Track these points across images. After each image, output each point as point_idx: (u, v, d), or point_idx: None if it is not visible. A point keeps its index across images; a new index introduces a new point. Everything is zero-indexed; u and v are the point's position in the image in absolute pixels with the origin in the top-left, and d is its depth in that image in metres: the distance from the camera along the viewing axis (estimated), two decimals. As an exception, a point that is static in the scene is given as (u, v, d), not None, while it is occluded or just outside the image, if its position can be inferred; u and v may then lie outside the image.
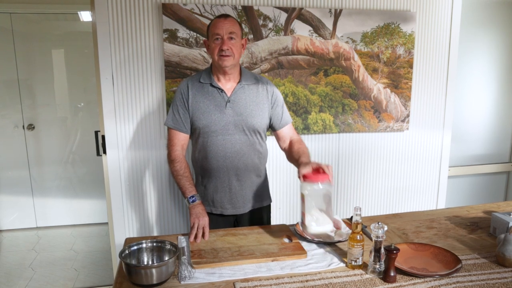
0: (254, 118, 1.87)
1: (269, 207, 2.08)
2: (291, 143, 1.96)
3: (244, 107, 1.86)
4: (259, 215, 2.01)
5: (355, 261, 1.44)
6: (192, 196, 1.79)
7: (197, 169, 1.98)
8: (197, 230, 1.67)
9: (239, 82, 1.88)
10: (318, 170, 1.58)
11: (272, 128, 1.99)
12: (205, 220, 1.70)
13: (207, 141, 1.87)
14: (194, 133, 1.91)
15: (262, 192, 2.02)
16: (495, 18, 3.13)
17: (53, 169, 4.02)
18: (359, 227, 1.42)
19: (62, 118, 4.01)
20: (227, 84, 1.88)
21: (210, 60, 2.41)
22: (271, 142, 2.11)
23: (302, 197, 1.59)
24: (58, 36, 3.88)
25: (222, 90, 1.85)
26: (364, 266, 1.45)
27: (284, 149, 2.01)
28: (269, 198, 2.07)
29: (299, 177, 1.61)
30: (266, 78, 2.04)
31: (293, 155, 1.88)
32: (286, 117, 1.98)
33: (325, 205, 1.53)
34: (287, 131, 1.98)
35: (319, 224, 1.51)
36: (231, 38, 1.77)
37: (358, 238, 1.42)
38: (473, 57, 3.13)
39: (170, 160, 1.87)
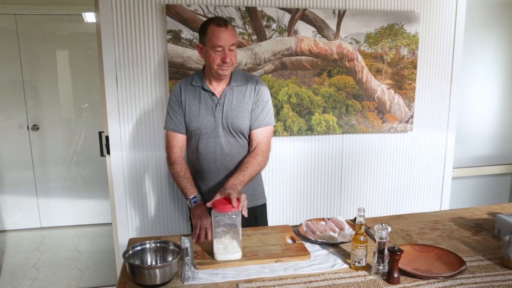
0: (240, 120, 1.87)
1: (264, 206, 2.08)
2: (250, 152, 1.91)
3: (230, 110, 1.87)
4: (253, 214, 2.00)
5: (359, 262, 1.43)
6: (194, 197, 1.79)
7: (190, 169, 1.98)
8: (199, 230, 1.67)
9: (228, 84, 1.88)
10: (229, 199, 1.54)
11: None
12: (207, 221, 1.70)
13: (198, 143, 1.90)
14: (187, 134, 1.94)
15: (255, 192, 2.01)
16: (500, 18, 3.11)
17: (57, 170, 4.03)
18: (362, 228, 1.42)
19: (66, 118, 4.02)
20: (218, 87, 1.89)
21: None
22: (274, 142, 2.10)
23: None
24: (62, 37, 3.90)
25: (213, 94, 1.87)
26: (367, 267, 1.45)
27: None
28: (263, 197, 2.07)
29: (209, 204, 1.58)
30: (260, 78, 1.99)
31: (237, 166, 1.87)
32: (262, 119, 1.90)
33: (232, 234, 1.54)
34: (257, 136, 1.91)
35: (226, 252, 1.51)
36: (231, 50, 1.78)
37: (362, 239, 1.41)
38: (477, 58, 3.12)
39: (170, 162, 1.89)
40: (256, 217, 2.03)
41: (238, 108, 1.87)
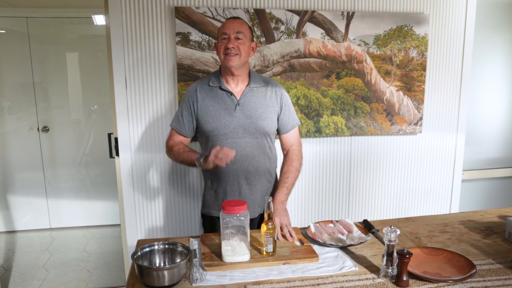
0: (264, 121, 1.87)
1: None
2: (285, 157, 1.96)
3: (253, 110, 1.86)
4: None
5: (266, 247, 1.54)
6: (200, 155, 1.73)
7: (206, 173, 1.97)
8: (217, 153, 1.61)
9: (248, 85, 1.88)
10: (238, 201, 1.56)
11: (277, 132, 1.99)
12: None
13: (216, 144, 1.86)
14: (203, 136, 1.91)
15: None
16: (510, 20, 3.08)
17: (66, 171, 4.07)
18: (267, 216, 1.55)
19: (76, 120, 4.06)
20: (237, 87, 1.88)
21: (222, 63, 2.42)
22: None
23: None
24: (73, 40, 3.94)
25: (231, 93, 1.85)
26: (376, 270, 1.44)
27: (283, 155, 2.01)
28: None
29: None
30: (276, 80, 2.03)
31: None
32: (292, 122, 1.96)
33: (241, 235, 1.54)
34: (289, 139, 1.96)
35: (234, 253, 1.51)
36: (238, 38, 1.78)
37: (270, 226, 1.53)
38: (487, 60, 3.09)
39: (169, 148, 1.90)
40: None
41: (261, 110, 1.87)
